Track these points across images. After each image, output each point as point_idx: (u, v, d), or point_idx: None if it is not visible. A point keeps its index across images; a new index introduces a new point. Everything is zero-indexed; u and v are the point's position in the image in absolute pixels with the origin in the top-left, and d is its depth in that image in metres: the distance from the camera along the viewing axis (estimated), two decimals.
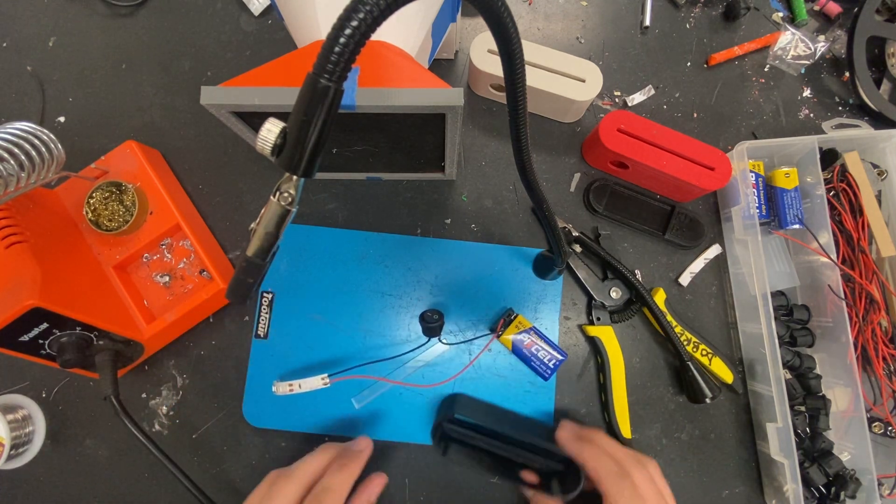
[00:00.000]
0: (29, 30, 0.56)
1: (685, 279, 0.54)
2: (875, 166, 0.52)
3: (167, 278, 0.50)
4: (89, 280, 0.46)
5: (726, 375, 0.51)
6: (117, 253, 0.48)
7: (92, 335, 0.43)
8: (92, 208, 0.47)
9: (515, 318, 0.50)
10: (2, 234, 0.41)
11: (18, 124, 0.39)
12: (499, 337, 0.50)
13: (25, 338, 0.40)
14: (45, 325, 0.40)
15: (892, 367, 0.49)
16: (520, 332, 0.49)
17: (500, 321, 0.50)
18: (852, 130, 0.54)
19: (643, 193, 0.55)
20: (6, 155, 0.37)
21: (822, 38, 0.59)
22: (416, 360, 0.50)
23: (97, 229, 0.47)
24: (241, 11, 0.57)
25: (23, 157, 0.38)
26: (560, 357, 0.50)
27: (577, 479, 0.43)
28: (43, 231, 0.44)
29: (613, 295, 0.52)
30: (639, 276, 0.52)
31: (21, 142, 0.39)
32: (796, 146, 0.52)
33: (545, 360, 0.49)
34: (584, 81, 0.50)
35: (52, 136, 0.41)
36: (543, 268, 0.51)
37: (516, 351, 0.50)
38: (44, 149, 0.40)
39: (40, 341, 0.41)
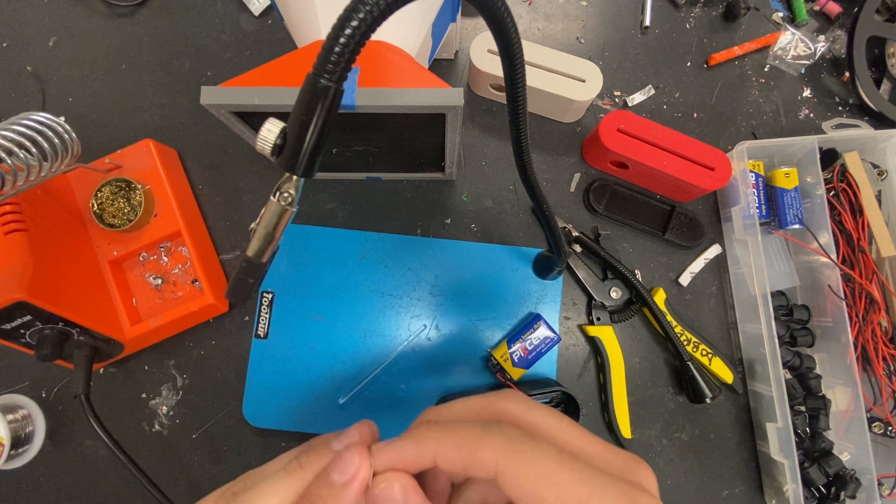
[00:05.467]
0: (29, 30, 0.56)
1: (685, 279, 0.54)
2: (875, 166, 0.52)
3: (160, 281, 0.50)
4: (82, 274, 0.46)
5: (726, 375, 0.51)
6: (115, 249, 0.48)
7: (73, 331, 0.43)
8: (98, 202, 0.47)
9: (495, 358, 0.49)
10: (3, 219, 0.41)
11: (38, 115, 0.39)
12: (508, 379, 0.49)
13: (7, 326, 0.40)
14: (28, 318, 0.40)
15: (892, 367, 0.49)
16: (511, 352, 0.49)
17: (497, 374, 0.50)
18: (852, 130, 0.54)
19: (643, 193, 0.55)
20: (28, 144, 0.37)
21: (822, 38, 0.59)
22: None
23: (99, 224, 0.47)
24: (241, 11, 0.57)
25: (46, 146, 0.38)
26: (552, 335, 0.49)
27: (576, 413, 0.47)
28: (46, 219, 0.44)
29: (613, 295, 0.52)
30: (639, 276, 0.52)
31: (44, 129, 0.39)
32: (796, 146, 0.52)
33: (545, 344, 0.49)
34: (584, 81, 0.50)
35: (68, 127, 0.41)
36: (543, 268, 0.51)
37: (525, 364, 0.49)
38: (64, 138, 0.40)
39: (21, 331, 0.41)
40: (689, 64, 0.58)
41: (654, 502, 0.19)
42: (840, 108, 0.58)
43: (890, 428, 0.49)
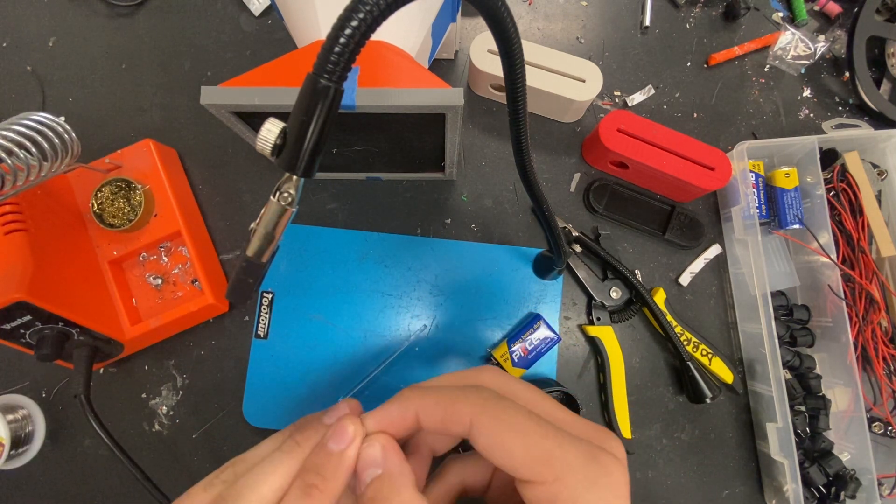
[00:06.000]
0: (29, 30, 0.56)
1: (685, 279, 0.54)
2: (875, 166, 0.52)
3: (160, 281, 0.50)
4: (82, 274, 0.46)
5: (726, 375, 0.51)
6: (115, 249, 0.48)
7: (73, 331, 0.43)
8: (98, 202, 0.47)
9: (495, 358, 0.49)
10: (3, 219, 0.41)
11: (38, 115, 0.39)
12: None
13: (7, 326, 0.40)
14: (28, 318, 0.40)
15: (892, 367, 0.49)
16: (511, 352, 0.49)
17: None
18: (852, 130, 0.54)
19: (643, 193, 0.55)
20: (29, 144, 0.37)
21: (822, 38, 0.59)
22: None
23: (99, 224, 0.47)
24: (241, 11, 0.57)
25: (46, 146, 0.38)
26: (552, 335, 0.49)
27: (576, 413, 0.45)
28: (46, 218, 0.44)
29: (613, 295, 0.52)
30: (639, 276, 0.52)
31: (44, 129, 0.39)
32: (796, 146, 0.52)
33: (545, 344, 0.49)
34: (584, 81, 0.50)
35: (68, 127, 0.41)
36: (543, 268, 0.51)
37: (525, 363, 0.49)
38: (64, 138, 0.40)
39: (21, 331, 0.41)
40: (689, 64, 0.58)
41: (612, 458, 0.20)
42: (840, 108, 0.58)
43: (890, 428, 0.49)
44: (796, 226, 0.51)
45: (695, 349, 0.51)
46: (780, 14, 0.59)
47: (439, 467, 0.26)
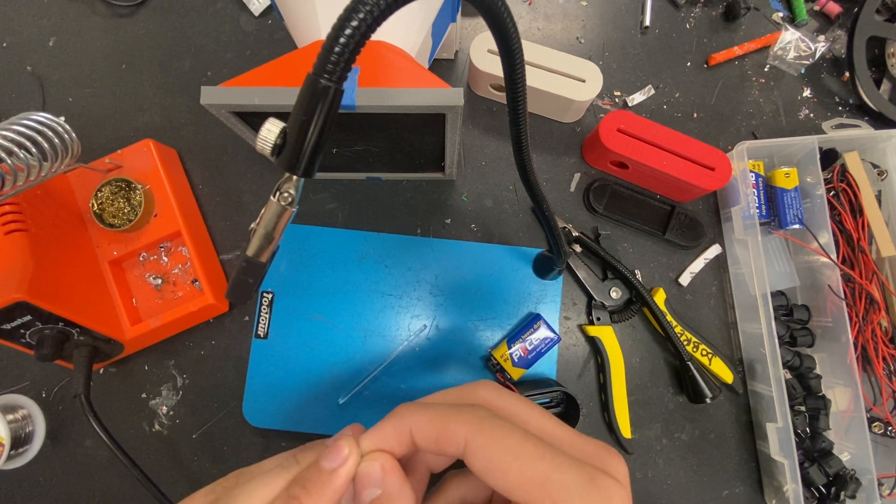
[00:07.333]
0: (29, 30, 0.56)
1: (685, 279, 0.54)
2: (875, 166, 0.52)
3: (160, 281, 0.50)
4: (82, 274, 0.46)
5: (726, 375, 0.51)
6: (115, 248, 0.48)
7: (74, 331, 0.43)
8: (98, 202, 0.47)
9: (495, 358, 0.49)
10: (3, 219, 0.41)
11: (38, 115, 0.39)
12: (508, 379, 0.49)
13: (7, 326, 0.40)
14: (28, 318, 0.40)
15: (892, 367, 0.49)
16: (511, 352, 0.49)
17: (496, 374, 0.50)
18: (852, 130, 0.54)
19: (643, 193, 0.55)
20: (29, 144, 0.37)
21: (822, 38, 0.59)
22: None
23: (99, 224, 0.47)
24: (241, 11, 0.57)
25: (46, 146, 0.38)
26: (552, 335, 0.49)
27: (576, 413, 0.47)
28: (46, 219, 0.44)
29: (613, 295, 0.52)
30: (639, 276, 0.52)
31: (44, 129, 0.39)
32: (796, 146, 0.52)
33: (545, 344, 0.49)
34: (584, 81, 0.50)
35: (68, 127, 0.41)
36: (543, 268, 0.51)
37: (525, 364, 0.49)
38: (64, 138, 0.40)
39: (21, 331, 0.41)
40: (689, 64, 0.58)
41: (613, 483, 0.20)
42: (840, 108, 0.58)
43: (890, 428, 0.49)
44: (796, 226, 0.51)
45: (695, 349, 0.51)
46: (780, 14, 0.59)
47: (438, 483, 0.26)
